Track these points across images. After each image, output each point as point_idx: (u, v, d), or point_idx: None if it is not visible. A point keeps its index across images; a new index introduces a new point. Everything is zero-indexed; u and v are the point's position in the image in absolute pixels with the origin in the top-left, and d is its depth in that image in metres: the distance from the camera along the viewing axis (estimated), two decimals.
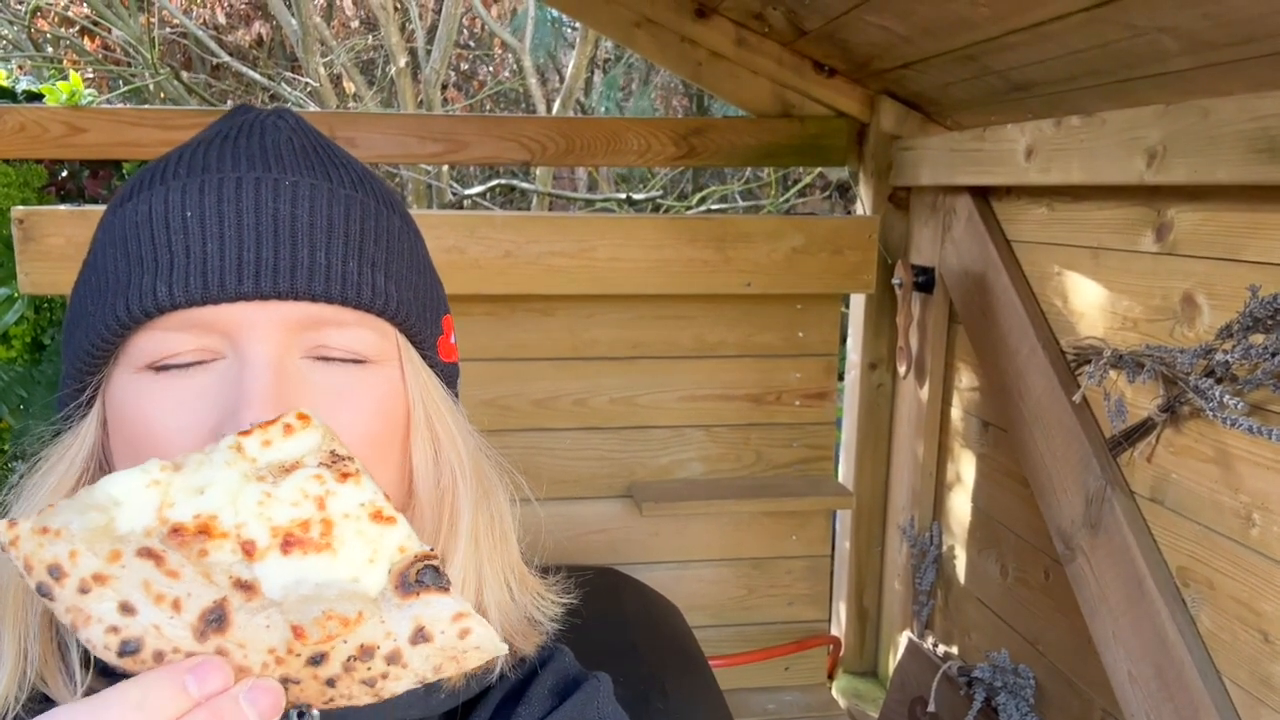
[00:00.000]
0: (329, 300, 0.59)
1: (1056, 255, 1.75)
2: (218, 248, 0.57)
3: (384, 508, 0.50)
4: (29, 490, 0.61)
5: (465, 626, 0.46)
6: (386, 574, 0.48)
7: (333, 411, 0.59)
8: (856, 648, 2.47)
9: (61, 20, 5.54)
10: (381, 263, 0.62)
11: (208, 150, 0.62)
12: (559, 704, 0.67)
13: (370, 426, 0.61)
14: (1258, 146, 1.19)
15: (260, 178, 0.60)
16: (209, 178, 0.59)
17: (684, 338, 2.15)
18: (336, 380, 0.60)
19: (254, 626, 0.44)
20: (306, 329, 0.59)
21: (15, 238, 1.79)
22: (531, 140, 2.24)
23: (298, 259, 0.58)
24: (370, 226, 0.63)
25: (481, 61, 6.84)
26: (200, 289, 0.57)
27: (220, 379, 0.58)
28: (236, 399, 0.56)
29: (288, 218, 0.59)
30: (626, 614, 1.79)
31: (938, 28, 1.66)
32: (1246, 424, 1.24)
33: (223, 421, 0.56)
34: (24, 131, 2.10)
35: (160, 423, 0.58)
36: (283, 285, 0.58)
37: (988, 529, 2.05)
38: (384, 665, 0.45)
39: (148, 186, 0.61)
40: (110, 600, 0.43)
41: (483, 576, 0.65)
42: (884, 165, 2.25)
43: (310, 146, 0.64)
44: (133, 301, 0.57)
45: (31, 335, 2.36)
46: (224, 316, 0.57)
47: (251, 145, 0.62)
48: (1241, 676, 1.34)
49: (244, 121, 0.64)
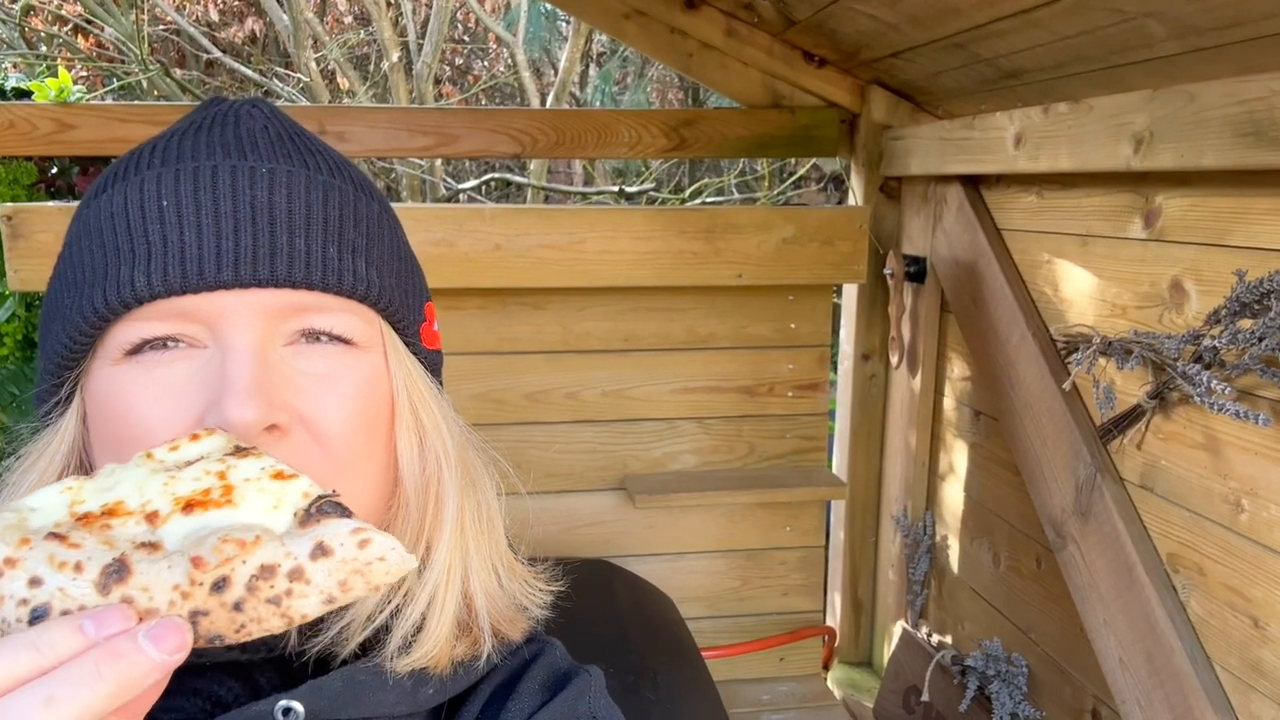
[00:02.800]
0: (310, 287, 0.58)
1: (1046, 243, 1.75)
2: (195, 236, 0.57)
3: (285, 469, 0.50)
4: (9, 488, 0.61)
5: (365, 538, 0.46)
6: (292, 516, 0.49)
7: (316, 397, 0.59)
8: (852, 638, 2.47)
9: (54, 19, 5.52)
10: (362, 248, 0.62)
11: (182, 140, 0.61)
12: (550, 698, 0.66)
13: (354, 411, 0.60)
14: (1243, 130, 1.18)
15: (236, 165, 0.59)
16: (184, 166, 0.59)
17: (676, 330, 2.15)
18: (320, 366, 0.60)
19: (155, 570, 0.45)
20: (289, 316, 0.59)
21: (4, 235, 1.78)
22: (521, 133, 2.23)
23: (277, 246, 0.58)
24: (349, 212, 0.62)
25: (476, 56, 6.83)
26: (180, 278, 0.56)
27: (203, 368, 0.57)
28: (220, 387, 0.55)
29: (265, 205, 0.58)
30: (618, 605, 1.79)
31: (925, 15, 1.65)
32: (1233, 409, 1.24)
33: (206, 410, 0.56)
34: (13, 128, 2.10)
35: (142, 412, 0.57)
36: (263, 273, 0.57)
37: (980, 518, 2.05)
38: (287, 583, 0.45)
39: (122, 178, 0.60)
40: (20, 579, 0.44)
41: (469, 563, 0.65)
42: (875, 155, 2.24)
43: (285, 134, 0.63)
44: (110, 292, 0.57)
45: (23, 333, 2.36)
46: (205, 306, 0.57)
47: (226, 134, 0.61)
48: (1231, 662, 1.34)
49: (218, 112, 0.64)
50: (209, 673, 0.60)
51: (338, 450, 0.59)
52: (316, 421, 0.59)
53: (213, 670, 0.60)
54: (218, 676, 0.60)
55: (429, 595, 0.62)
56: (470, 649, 0.64)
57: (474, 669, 0.65)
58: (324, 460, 0.59)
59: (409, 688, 0.61)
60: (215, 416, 0.55)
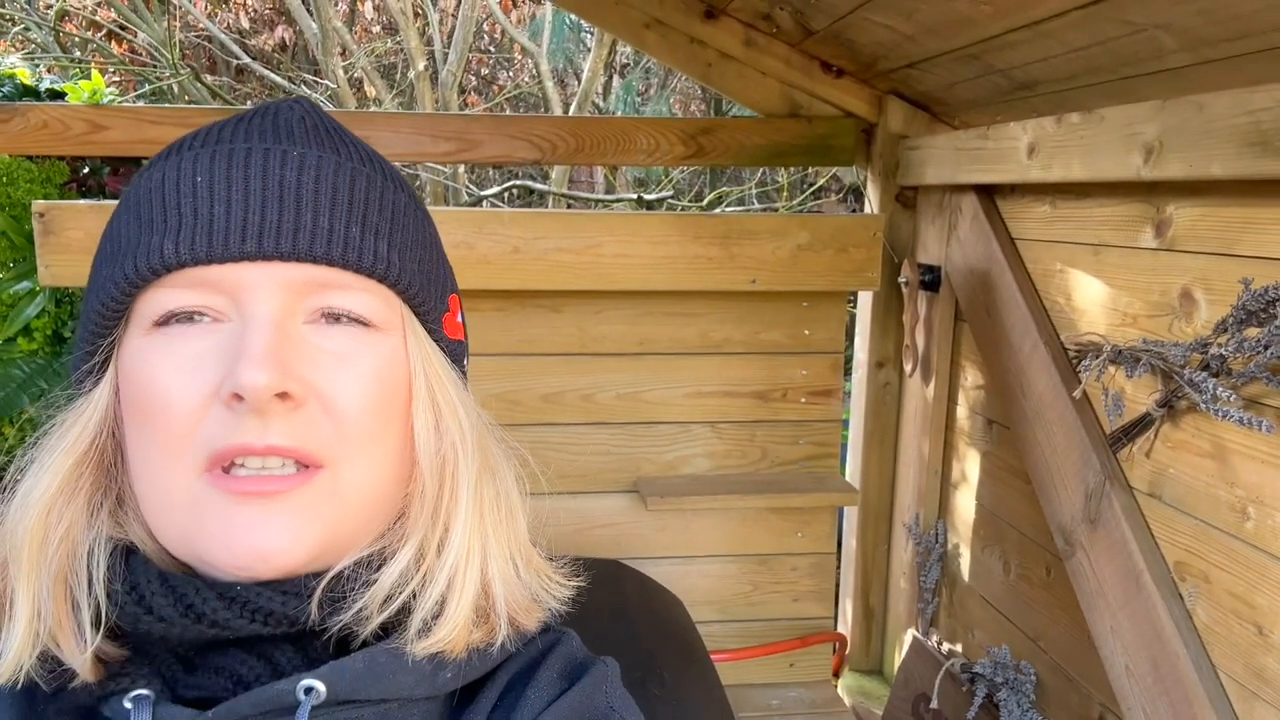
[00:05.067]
0: (330, 263, 0.61)
1: (1059, 253, 1.76)
2: (224, 210, 0.59)
3: None
4: (44, 453, 0.62)
5: None
6: None
7: (333, 374, 0.61)
8: (863, 645, 2.48)
9: (89, 24, 5.63)
10: (385, 231, 0.64)
11: (223, 128, 0.64)
12: (568, 688, 0.67)
13: (369, 391, 0.62)
14: (1250, 140, 1.19)
15: (270, 148, 0.62)
16: (220, 148, 0.62)
17: (690, 334, 2.17)
18: (338, 346, 0.61)
19: None
20: (310, 292, 0.61)
21: (36, 231, 1.83)
22: (542, 139, 2.27)
23: (301, 222, 0.60)
24: (375, 197, 0.64)
25: (502, 66, 6.89)
26: (205, 248, 0.58)
27: (224, 340, 0.59)
28: (236, 354, 0.57)
29: (294, 184, 0.61)
30: (628, 604, 1.81)
31: (940, 26, 1.67)
32: (1238, 416, 1.24)
33: (223, 380, 0.58)
34: (47, 129, 2.15)
35: (164, 383, 0.59)
36: (285, 246, 0.59)
37: (991, 526, 2.06)
38: None
39: (164, 159, 0.64)
40: None
41: (488, 549, 0.66)
42: (891, 165, 2.26)
43: (322, 126, 0.66)
44: (140, 260, 0.59)
45: (53, 328, 2.41)
46: (229, 276, 0.59)
47: (265, 123, 0.64)
48: (1236, 670, 1.34)
49: (264, 108, 0.67)
50: (230, 651, 0.61)
51: (350, 427, 0.61)
52: (331, 397, 0.61)
53: (234, 649, 0.61)
54: (239, 655, 0.61)
55: (448, 577, 0.63)
56: (487, 635, 0.65)
57: (490, 655, 0.66)
58: (335, 435, 0.61)
59: (428, 671, 0.62)
60: (230, 382, 0.57)
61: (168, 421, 0.59)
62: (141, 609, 0.60)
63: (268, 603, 0.59)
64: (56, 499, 0.61)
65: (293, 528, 0.59)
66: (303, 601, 0.60)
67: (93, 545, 0.61)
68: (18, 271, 2.38)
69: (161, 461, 0.60)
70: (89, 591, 0.60)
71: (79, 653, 0.59)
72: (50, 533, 0.60)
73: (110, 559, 0.61)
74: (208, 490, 0.59)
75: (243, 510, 0.59)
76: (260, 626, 0.60)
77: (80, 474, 0.62)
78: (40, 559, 0.60)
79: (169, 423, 0.59)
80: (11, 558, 0.61)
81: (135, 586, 0.60)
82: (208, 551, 0.59)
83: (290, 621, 0.60)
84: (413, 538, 0.64)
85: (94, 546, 0.61)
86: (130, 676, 0.60)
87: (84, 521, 0.62)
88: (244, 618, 0.59)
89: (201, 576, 0.61)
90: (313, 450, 0.60)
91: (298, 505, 0.59)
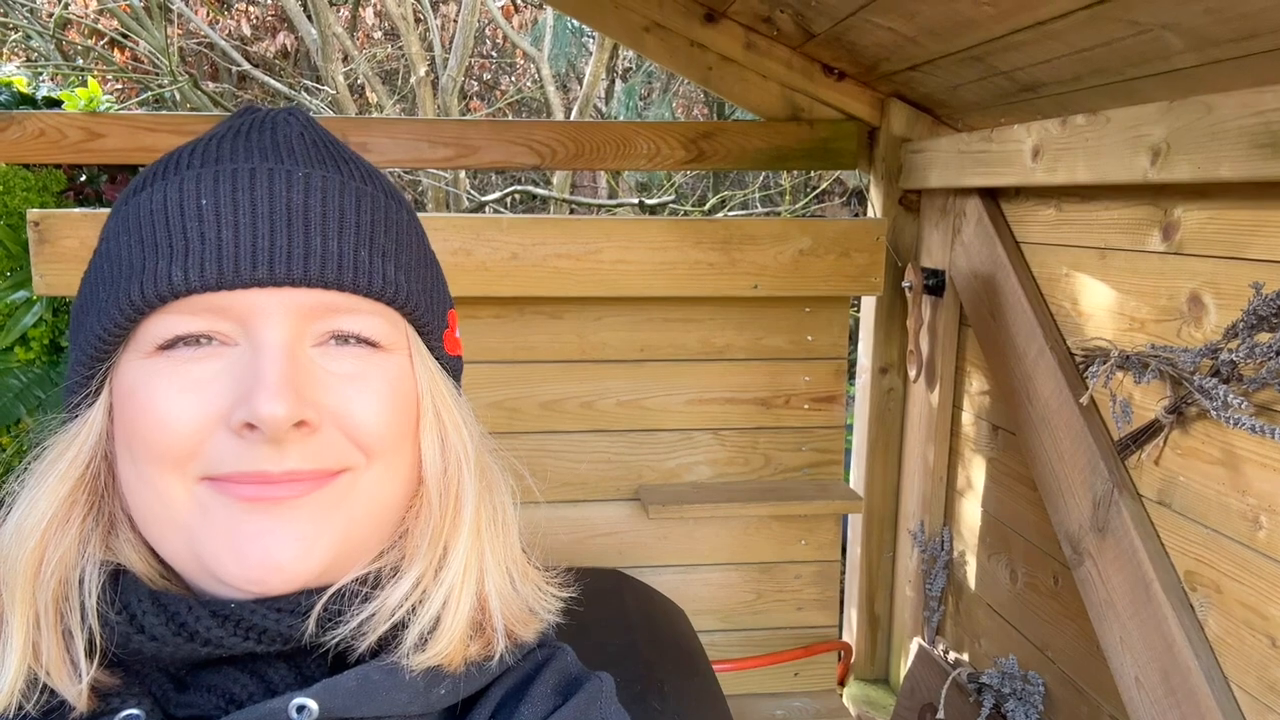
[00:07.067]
0: (340, 288, 0.60)
1: (1064, 256, 1.73)
2: (232, 235, 0.58)
3: None
4: (36, 477, 0.61)
5: None
6: None
7: (346, 395, 0.60)
8: (868, 654, 2.45)
9: (90, 32, 5.63)
10: (392, 253, 0.64)
11: (220, 143, 0.63)
12: (562, 703, 0.66)
13: (384, 408, 0.62)
14: (1260, 142, 1.17)
15: (274, 169, 0.61)
16: (223, 168, 0.60)
17: (691, 340, 2.15)
18: (348, 367, 0.61)
19: None
20: (319, 316, 0.60)
21: (31, 240, 1.82)
22: (541, 144, 2.25)
23: (310, 247, 0.59)
24: (380, 218, 0.64)
25: (503, 71, 6.89)
26: (215, 274, 0.57)
27: (233, 364, 0.58)
28: (251, 383, 0.56)
29: (301, 207, 0.60)
30: (628, 614, 1.78)
31: (942, 28, 1.65)
32: (1250, 423, 1.22)
33: (235, 406, 0.57)
34: (43, 136, 2.14)
35: (169, 406, 0.58)
36: (296, 272, 0.58)
37: (998, 534, 2.03)
38: None
39: (162, 177, 0.62)
40: None
41: (485, 564, 0.66)
42: (894, 168, 2.24)
43: (320, 141, 0.65)
44: (147, 286, 0.58)
45: (49, 337, 2.39)
46: (238, 302, 0.58)
47: (264, 139, 0.63)
48: (1249, 682, 1.31)
49: (255, 118, 0.66)
50: (223, 669, 0.60)
51: (370, 443, 0.61)
52: (347, 416, 0.60)
53: (227, 666, 0.60)
54: (232, 673, 0.60)
55: (444, 594, 0.63)
56: (483, 649, 0.65)
57: (487, 670, 0.66)
58: (354, 449, 0.61)
59: (422, 687, 0.62)
60: (244, 411, 0.56)
61: (170, 444, 0.58)
62: (133, 628, 0.58)
63: (262, 620, 0.58)
64: (51, 526, 0.60)
65: (305, 537, 0.59)
66: (297, 619, 0.59)
67: (84, 571, 0.60)
68: (14, 281, 2.37)
69: (158, 475, 0.59)
70: (82, 621, 0.59)
71: (73, 685, 0.58)
72: (45, 561, 0.59)
73: (101, 583, 0.60)
74: (211, 495, 0.58)
75: (250, 517, 0.58)
76: (254, 644, 0.59)
77: (75, 500, 0.61)
78: (35, 588, 0.59)
79: (171, 445, 0.58)
80: (5, 586, 0.59)
81: (126, 606, 0.59)
82: (215, 560, 0.58)
83: (285, 639, 0.59)
84: (419, 554, 0.64)
85: (85, 572, 0.60)
86: (121, 696, 0.59)
87: (77, 548, 0.60)
88: (237, 635, 0.58)
89: (194, 594, 0.60)
90: (331, 465, 0.60)
91: (309, 511, 0.59)
